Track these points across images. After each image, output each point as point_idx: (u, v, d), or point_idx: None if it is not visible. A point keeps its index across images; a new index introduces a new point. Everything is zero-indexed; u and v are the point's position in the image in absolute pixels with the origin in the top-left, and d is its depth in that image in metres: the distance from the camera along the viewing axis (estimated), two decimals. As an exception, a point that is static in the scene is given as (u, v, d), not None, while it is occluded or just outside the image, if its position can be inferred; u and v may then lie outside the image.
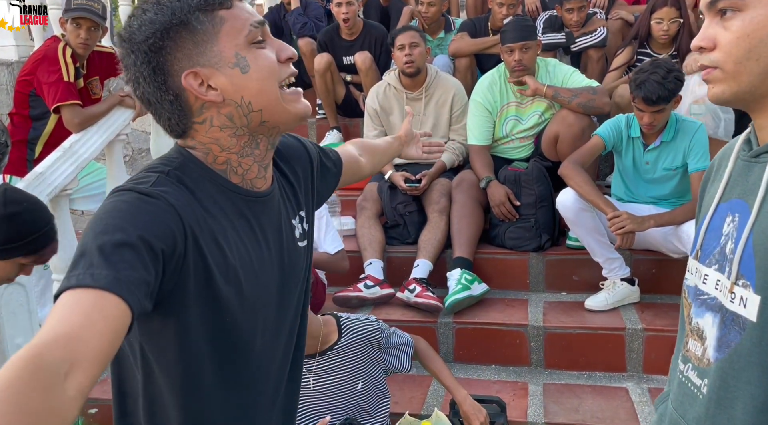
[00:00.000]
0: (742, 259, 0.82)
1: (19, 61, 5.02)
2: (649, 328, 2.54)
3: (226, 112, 0.88)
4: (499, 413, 2.20)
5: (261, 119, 0.90)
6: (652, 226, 2.50)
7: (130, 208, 0.79)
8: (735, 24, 0.81)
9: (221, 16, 0.86)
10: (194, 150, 0.91)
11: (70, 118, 2.80)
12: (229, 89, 0.87)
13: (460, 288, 2.69)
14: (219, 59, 0.86)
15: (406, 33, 3.19)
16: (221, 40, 0.86)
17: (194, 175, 0.89)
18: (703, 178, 1.02)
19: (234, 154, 0.91)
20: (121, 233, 0.76)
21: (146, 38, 0.85)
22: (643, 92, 2.46)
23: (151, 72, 0.86)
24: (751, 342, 0.79)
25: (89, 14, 2.83)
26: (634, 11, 3.90)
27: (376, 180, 3.27)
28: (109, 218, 0.78)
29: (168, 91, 0.87)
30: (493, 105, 3.12)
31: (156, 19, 0.84)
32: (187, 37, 0.85)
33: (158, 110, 0.89)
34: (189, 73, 0.86)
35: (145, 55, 0.85)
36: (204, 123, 0.89)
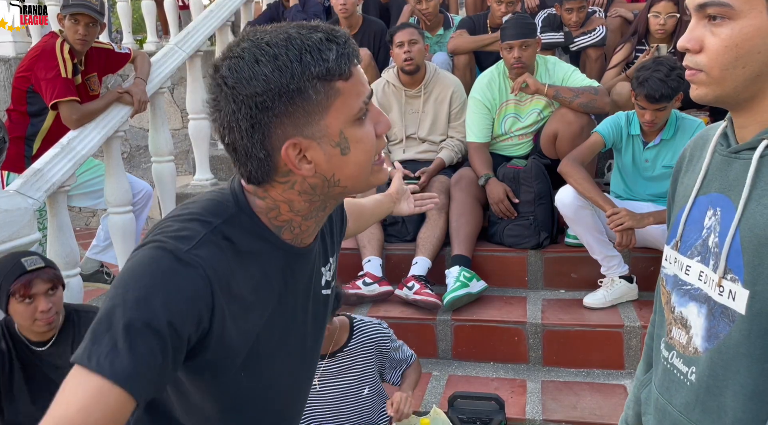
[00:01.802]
0: (730, 254, 0.83)
1: (16, 57, 5.01)
2: (647, 326, 2.53)
3: (312, 182, 0.84)
4: (497, 410, 2.20)
5: (342, 192, 0.87)
6: (651, 223, 2.51)
7: (164, 278, 0.77)
8: (724, 32, 0.80)
9: (338, 89, 0.80)
10: (263, 201, 0.87)
11: (68, 115, 2.79)
12: (323, 166, 0.83)
13: (458, 285, 2.69)
14: (323, 135, 0.81)
15: (405, 30, 3.18)
16: (331, 114, 0.80)
17: (245, 230, 0.85)
18: (675, 167, 1.03)
19: (299, 217, 0.88)
20: (151, 313, 0.75)
21: (255, 94, 0.78)
22: (645, 90, 2.45)
23: (250, 128, 0.79)
24: (740, 334, 0.82)
25: (87, 10, 2.82)
26: (633, 9, 3.90)
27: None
28: (142, 284, 0.77)
29: (262, 149, 0.81)
30: (492, 102, 3.12)
31: (272, 79, 0.77)
32: (299, 105, 0.79)
33: (243, 161, 0.83)
34: (290, 144, 0.80)
35: (249, 110, 0.78)
36: (286, 183, 0.85)
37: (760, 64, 0.80)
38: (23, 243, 2.29)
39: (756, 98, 0.83)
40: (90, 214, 5.65)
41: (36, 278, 1.83)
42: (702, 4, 0.82)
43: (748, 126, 0.86)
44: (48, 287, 1.86)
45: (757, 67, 0.80)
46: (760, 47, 0.79)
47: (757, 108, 0.84)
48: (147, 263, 0.79)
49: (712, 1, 0.80)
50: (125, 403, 0.74)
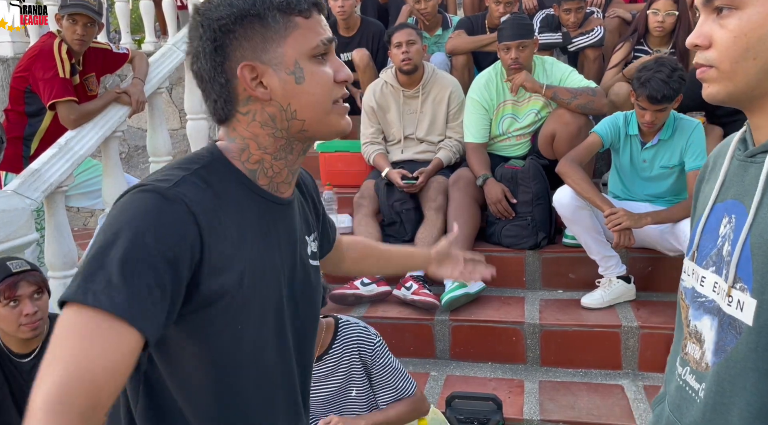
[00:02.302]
0: (740, 262, 0.80)
1: (14, 57, 5.00)
2: (644, 326, 2.54)
3: (270, 111, 0.90)
4: (495, 410, 2.20)
5: (301, 128, 0.91)
6: (649, 223, 2.51)
7: (151, 215, 0.79)
8: (732, 22, 0.78)
9: (296, 22, 0.88)
10: (232, 143, 0.92)
11: (66, 115, 2.79)
12: (278, 92, 0.89)
13: (456, 285, 2.70)
14: (279, 62, 0.88)
15: (403, 31, 3.18)
16: (287, 44, 0.88)
17: (221, 174, 0.89)
18: (698, 177, 0.99)
19: (269, 155, 0.92)
20: (144, 248, 0.76)
21: (220, 17, 0.86)
22: (648, 90, 2.45)
23: (213, 50, 0.87)
24: (747, 347, 0.78)
25: (85, 10, 2.82)
26: (631, 9, 3.91)
27: (373, 177, 3.27)
28: (129, 222, 0.78)
29: (222, 73, 0.88)
30: (490, 103, 3.12)
31: (236, 4, 0.86)
32: (257, 30, 0.87)
33: (207, 89, 0.91)
34: (246, 65, 0.87)
35: (213, 33, 0.87)
36: (247, 114, 0.90)
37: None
38: (21, 243, 2.29)
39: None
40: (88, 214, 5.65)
41: (21, 280, 1.80)
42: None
43: (763, 127, 0.82)
44: (33, 290, 1.82)
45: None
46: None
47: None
48: (133, 205, 0.81)
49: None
50: (131, 338, 0.74)
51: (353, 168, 3.53)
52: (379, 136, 3.36)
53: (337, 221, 3.26)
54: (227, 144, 0.93)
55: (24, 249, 2.36)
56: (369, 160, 3.33)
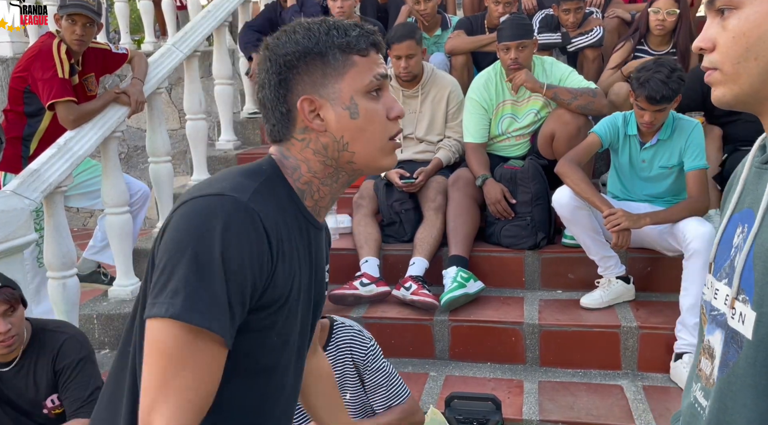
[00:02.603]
0: (743, 273, 0.77)
1: (13, 57, 5.00)
2: (643, 326, 2.54)
3: (324, 141, 0.96)
4: (494, 411, 2.20)
5: (350, 159, 0.97)
6: (648, 224, 2.51)
7: (234, 227, 0.84)
8: (731, 23, 0.77)
9: (354, 61, 0.95)
10: (287, 160, 0.98)
11: (65, 115, 2.79)
12: (333, 125, 0.95)
13: (455, 286, 2.70)
14: (336, 97, 0.94)
15: (403, 44, 3.11)
16: (345, 80, 0.94)
17: (279, 189, 0.95)
18: (727, 186, 0.96)
19: (317, 179, 0.98)
20: (235, 268, 0.83)
21: (286, 53, 0.94)
22: (646, 91, 2.45)
23: (277, 83, 0.95)
24: (746, 362, 0.75)
25: (84, 10, 2.82)
26: (630, 9, 3.91)
27: (373, 178, 3.27)
28: (221, 234, 0.84)
29: (284, 104, 0.95)
30: (489, 103, 3.12)
31: (301, 42, 0.94)
32: (318, 67, 0.94)
33: (269, 115, 0.98)
34: (306, 99, 0.94)
35: (279, 67, 0.94)
36: (303, 141, 0.97)
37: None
38: (20, 243, 2.29)
39: None
40: (87, 215, 5.65)
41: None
42: None
43: None
44: (5, 309, 1.79)
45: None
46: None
47: None
48: (219, 214, 0.85)
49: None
50: (224, 355, 0.86)
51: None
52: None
53: (336, 221, 3.26)
54: (281, 159, 0.98)
55: (23, 249, 2.36)
56: (368, 160, 3.33)
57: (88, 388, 1.87)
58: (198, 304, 0.81)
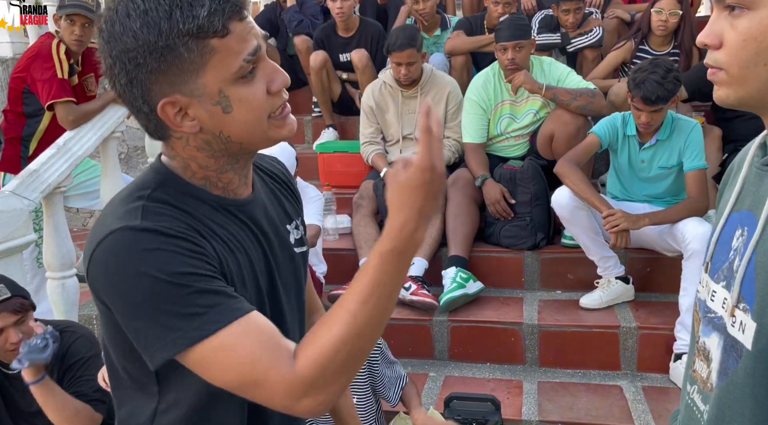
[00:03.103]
0: (744, 280, 0.75)
1: (13, 57, 5.00)
2: (643, 327, 2.54)
3: (204, 138, 0.84)
4: (493, 411, 2.20)
5: (240, 148, 0.86)
6: (647, 224, 2.51)
7: (148, 244, 0.77)
8: (743, 23, 0.72)
9: (212, 47, 0.78)
10: (173, 161, 0.88)
11: (64, 115, 2.79)
12: (207, 123, 0.82)
13: (455, 286, 2.70)
14: (201, 93, 0.80)
15: (403, 52, 3.10)
16: (207, 72, 0.79)
17: (175, 191, 0.85)
18: (722, 180, 0.93)
19: (213, 172, 0.88)
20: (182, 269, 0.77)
21: (127, 50, 0.78)
22: (642, 91, 2.45)
23: (128, 83, 0.80)
24: (745, 372, 0.74)
25: (83, 11, 2.82)
26: (630, 9, 3.91)
27: (372, 178, 3.27)
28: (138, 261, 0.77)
29: (144, 104, 0.81)
30: (488, 103, 3.12)
31: (140, 35, 0.76)
32: (171, 63, 0.78)
33: (135, 113, 0.85)
34: (167, 103, 0.80)
35: (124, 66, 0.79)
36: (181, 139, 0.85)
37: None
38: (19, 243, 2.29)
39: None
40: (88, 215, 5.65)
41: (3, 311, 1.75)
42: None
43: None
44: (16, 319, 1.78)
45: None
46: None
47: None
48: (119, 250, 0.78)
49: None
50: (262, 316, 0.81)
51: (352, 168, 3.53)
52: (377, 136, 3.35)
53: (336, 221, 3.26)
54: (170, 161, 0.88)
55: (22, 249, 2.36)
56: (368, 160, 3.33)
57: (95, 385, 1.87)
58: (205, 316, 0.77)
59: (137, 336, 0.79)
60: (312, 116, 4.27)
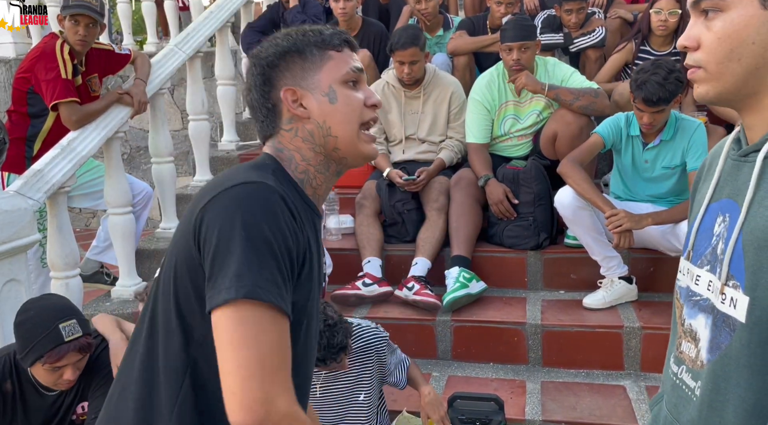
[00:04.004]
0: (732, 259, 0.81)
1: (16, 58, 5.01)
2: (646, 326, 2.54)
3: (309, 128, 1.03)
4: (496, 411, 2.20)
5: (335, 145, 1.04)
6: (650, 224, 2.51)
7: (270, 206, 0.91)
8: (717, 24, 0.80)
9: (330, 55, 1.04)
10: (281, 153, 1.04)
11: (68, 116, 2.80)
12: (315, 111, 1.03)
13: (458, 286, 2.70)
14: (316, 86, 1.03)
15: (407, 50, 3.10)
16: (323, 72, 1.03)
17: (284, 180, 1.01)
18: (695, 177, 1.01)
19: (312, 167, 1.05)
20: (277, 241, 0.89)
21: (268, 56, 1.04)
22: (643, 93, 2.46)
23: (262, 82, 1.04)
24: (740, 344, 0.79)
25: (87, 11, 2.83)
26: (632, 10, 3.91)
27: (375, 178, 3.28)
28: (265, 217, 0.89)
29: (269, 99, 1.04)
30: (492, 103, 3.12)
31: (281, 44, 1.04)
32: (297, 62, 1.03)
33: (257, 114, 1.06)
34: (288, 89, 1.03)
35: (262, 68, 1.04)
36: (290, 131, 1.04)
37: (756, 56, 0.79)
38: (23, 243, 2.30)
39: (759, 95, 0.82)
40: (90, 215, 5.66)
41: (70, 351, 1.72)
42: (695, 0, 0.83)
43: (755, 126, 0.84)
44: (79, 358, 1.76)
45: (753, 59, 0.79)
46: (754, 37, 0.79)
47: (762, 105, 0.82)
48: (251, 196, 0.91)
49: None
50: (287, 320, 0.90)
51: (355, 168, 3.52)
52: (380, 136, 3.36)
53: (338, 222, 3.26)
54: (276, 152, 1.05)
55: (26, 249, 2.36)
56: (371, 160, 3.33)
57: None
58: (265, 284, 0.86)
59: (213, 271, 0.88)
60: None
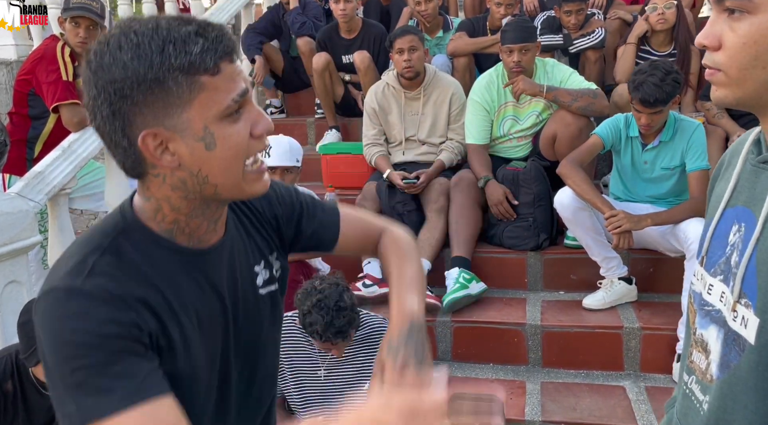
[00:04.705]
0: (745, 276, 0.77)
1: (18, 60, 5.02)
2: (646, 327, 2.54)
3: (180, 176, 0.83)
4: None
5: (214, 192, 0.85)
6: (649, 225, 2.51)
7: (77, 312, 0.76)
8: (743, 27, 0.74)
9: (202, 83, 0.78)
10: (147, 203, 0.86)
11: (69, 118, 2.81)
12: (187, 160, 0.81)
13: (458, 287, 2.70)
14: (185, 128, 0.79)
15: (405, 37, 3.16)
16: (194, 108, 0.79)
17: (137, 240, 0.85)
18: (713, 174, 0.95)
19: (183, 216, 0.87)
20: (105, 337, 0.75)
21: (114, 81, 0.77)
22: (640, 94, 2.46)
23: (110, 115, 0.79)
24: (748, 366, 0.76)
25: (88, 13, 2.83)
26: (632, 10, 3.91)
27: (375, 179, 3.28)
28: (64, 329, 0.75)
29: (124, 138, 0.80)
30: (491, 104, 3.12)
31: (130, 67, 0.76)
32: (158, 96, 0.77)
33: (112, 149, 0.83)
34: (148, 134, 0.79)
35: (108, 97, 0.78)
36: (158, 176, 0.84)
37: None
38: (24, 245, 2.30)
39: None
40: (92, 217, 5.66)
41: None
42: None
43: None
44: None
45: None
46: None
47: None
48: (52, 313, 0.77)
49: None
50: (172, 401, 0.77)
51: (355, 170, 3.54)
52: (380, 137, 3.36)
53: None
54: (142, 203, 0.87)
55: (28, 251, 2.37)
56: (371, 161, 3.34)
57: None
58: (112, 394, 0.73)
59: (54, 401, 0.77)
60: (315, 118, 4.28)
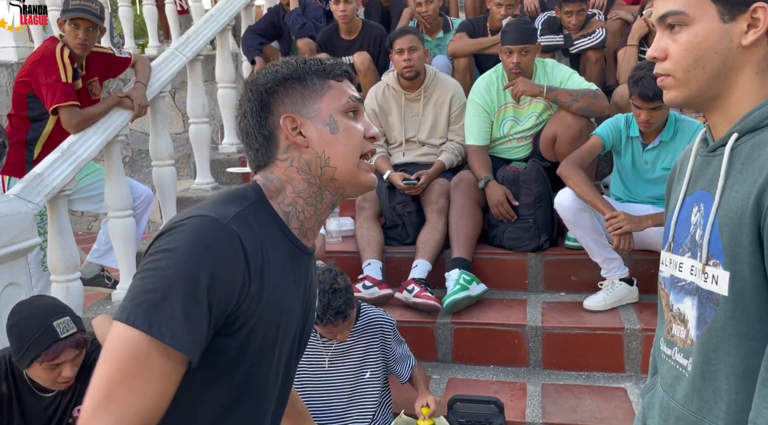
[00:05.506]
0: (711, 241, 0.90)
1: (18, 62, 5.02)
2: (647, 328, 2.53)
3: (307, 158, 1.00)
4: (497, 413, 2.20)
5: (332, 176, 1.01)
6: (650, 226, 2.50)
7: (211, 248, 0.87)
8: (682, 37, 0.92)
9: (330, 84, 1.02)
10: (271, 183, 1.01)
11: (69, 119, 2.80)
12: (315, 140, 1.00)
13: (458, 288, 2.69)
14: (316, 115, 1.00)
15: (405, 37, 3.16)
16: (323, 100, 1.01)
17: (263, 214, 0.98)
18: (668, 179, 1.11)
19: (301, 199, 1.02)
20: (202, 287, 0.85)
21: (266, 82, 1.02)
22: (639, 88, 2.47)
23: (259, 108, 1.01)
24: (725, 316, 0.88)
25: (87, 15, 2.83)
26: (633, 11, 3.91)
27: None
28: (191, 254, 0.86)
29: (266, 127, 1.01)
30: (491, 105, 3.12)
31: (280, 70, 1.02)
32: (297, 89, 1.01)
33: (251, 141, 1.02)
34: (288, 117, 1.00)
35: (260, 95, 1.01)
36: (285, 160, 1.01)
37: (718, 63, 0.91)
38: (23, 247, 2.30)
39: (721, 97, 0.93)
40: (92, 218, 5.67)
41: (66, 348, 1.73)
42: (662, 15, 0.93)
43: (720, 124, 0.95)
44: (75, 354, 1.76)
45: (715, 66, 0.91)
46: (716, 47, 0.90)
47: (724, 106, 0.93)
48: (194, 233, 0.88)
49: (669, 12, 0.92)
50: (182, 368, 0.87)
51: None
52: (380, 138, 3.36)
53: (339, 224, 3.26)
54: (265, 182, 1.02)
55: (27, 253, 2.37)
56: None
57: None
58: (159, 317, 0.83)
59: (127, 292, 0.89)
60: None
